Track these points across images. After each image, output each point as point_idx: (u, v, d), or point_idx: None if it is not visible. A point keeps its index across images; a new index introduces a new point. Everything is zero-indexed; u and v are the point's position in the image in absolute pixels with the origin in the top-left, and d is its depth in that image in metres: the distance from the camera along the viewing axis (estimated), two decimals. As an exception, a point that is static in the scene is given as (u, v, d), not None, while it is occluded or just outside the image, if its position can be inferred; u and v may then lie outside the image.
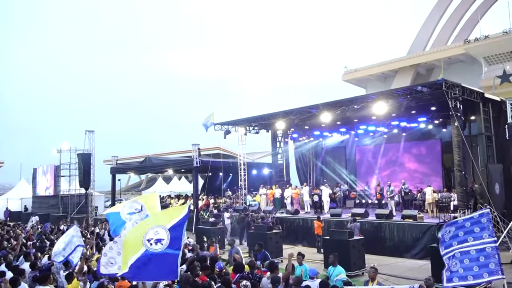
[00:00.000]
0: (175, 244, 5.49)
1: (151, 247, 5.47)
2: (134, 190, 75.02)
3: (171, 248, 5.46)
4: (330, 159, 26.34)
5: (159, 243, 5.49)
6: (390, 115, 18.77)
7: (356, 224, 14.60)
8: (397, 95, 16.98)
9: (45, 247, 10.87)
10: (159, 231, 5.56)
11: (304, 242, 18.21)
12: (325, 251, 13.37)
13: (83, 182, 28.54)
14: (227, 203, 25.80)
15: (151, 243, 5.50)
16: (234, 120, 23.01)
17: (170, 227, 5.59)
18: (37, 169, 34.48)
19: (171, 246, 5.47)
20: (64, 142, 30.97)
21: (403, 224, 15.52)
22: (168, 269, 5.38)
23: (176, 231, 5.58)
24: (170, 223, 5.62)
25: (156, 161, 28.24)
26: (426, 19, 50.59)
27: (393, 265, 13.82)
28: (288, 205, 21.71)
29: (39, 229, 16.55)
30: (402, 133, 22.62)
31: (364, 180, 24.34)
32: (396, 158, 23.69)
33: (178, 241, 5.53)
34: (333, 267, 8.38)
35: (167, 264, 5.39)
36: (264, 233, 15.18)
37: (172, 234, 5.55)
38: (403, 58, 46.64)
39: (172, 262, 5.39)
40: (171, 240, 5.50)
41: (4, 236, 13.43)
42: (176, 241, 5.51)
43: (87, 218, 26.60)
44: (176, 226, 5.60)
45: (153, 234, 5.54)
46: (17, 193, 38.15)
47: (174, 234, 5.54)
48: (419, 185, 21.24)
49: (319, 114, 19.27)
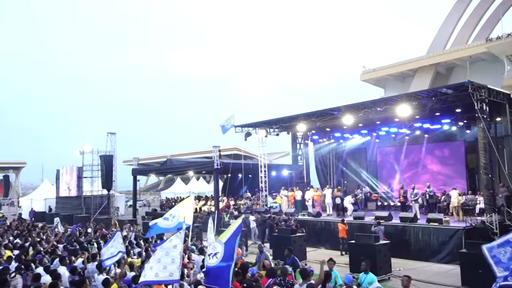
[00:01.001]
0: (228, 257, 5.68)
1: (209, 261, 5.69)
2: (152, 190, 75.93)
3: (225, 261, 5.66)
4: (350, 161, 26.19)
5: (214, 257, 5.71)
6: (413, 117, 18.59)
7: (380, 227, 14.50)
8: (421, 97, 16.82)
9: (78, 250, 11.08)
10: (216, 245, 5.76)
11: (327, 245, 18.20)
12: (351, 255, 13.36)
13: (105, 183, 28.89)
14: (247, 205, 25.90)
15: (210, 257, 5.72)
16: (255, 122, 23.07)
17: (225, 241, 5.79)
18: (60, 170, 35.09)
19: (225, 259, 5.68)
20: (86, 144, 31.47)
21: (428, 227, 15.36)
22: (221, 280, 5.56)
23: (230, 244, 5.76)
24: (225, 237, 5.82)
25: (177, 163, 28.54)
26: (446, 17, 49.91)
27: (419, 270, 13.70)
28: (310, 207, 21.68)
29: (68, 231, 16.90)
30: (425, 135, 22.34)
31: (386, 182, 24.15)
32: (418, 160, 23.44)
33: (231, 254, 5.72)
34: (364, 274, 8.36)
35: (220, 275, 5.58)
36: (288, 236, 15.20)
37: (226, 247, 5.74)
38: (423, 57, 46.13)
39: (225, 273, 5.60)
40: (225, 253, 5.69)
41: (35, 238, 13.72)
42: (229, 254, 5.70)
43: (111, 219, 27.00)
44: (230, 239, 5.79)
45: (212, 249, 5.76)
46: (40, 194, 38.98)
47: (227, 247, 5.74)
48: (442, 187, 21.00)
49: (341, 116, 19.22)
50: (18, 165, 76.44)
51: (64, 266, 9.06)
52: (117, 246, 8.65)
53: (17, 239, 14.75)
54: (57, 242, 12.83)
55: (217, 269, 5.66)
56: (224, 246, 5.83)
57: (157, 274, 6.28)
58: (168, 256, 6.69)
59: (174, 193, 42.89)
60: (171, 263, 6.43)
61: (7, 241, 13.74)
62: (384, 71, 48.37)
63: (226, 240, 5.88)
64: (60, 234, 14.90)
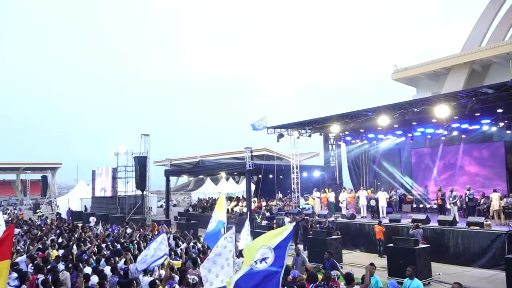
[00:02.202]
0: (278, 262, 5.67)
1: (256, 265, 5.69)
2: (182, 190, 76.95)
3: (275, 266, 5.64)
4: (384, 162, 25.72)
5: (263, 261, 5.69)
6: (451, 118, 18.11)
7: (419, 230, 14.21)
8: (460, 97, 16.39)
9: (120, 250, 11.34)
10: (265, 251, 5.77)
11: (362, 248, 17.98)
12: (389, 258, 13.15)
13: (139, 183, 29.56)
14: (279, 206, 25.90)
15: (257, 262, 5.72)
16: (287, 123, 23.04)
17: (274, 247, 5.78)
18: (96, 171, 36.08)
19: (275, 264, 5.65)
20: (120, 145, 32.26)
21: (468, 231, 14.93)
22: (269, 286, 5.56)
23: (280, 249, 5.75)
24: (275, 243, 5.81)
25: (209, 164, 28.81)
26: (481, 13, 48.30)
27: (460, 275, 13.33)
28: (343, 209, 21.48)
29: (107, 230, 17.37)
30: (462, 135, 21.74)
31: (421, 184, 23.63)
32: (455, 161, 22.83)
33: (281, 259, 5.70)
34: (410, 279, 8.21)
35: (269, 281, 5.58)
36: (323, 238, 15.10)
37: (276, 252, 5.72)
38: (457, 55, 44.72)
39: (274, 279, 5.58)
40: (275, 259, 5.68)
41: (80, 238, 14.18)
42: (279, 259, 5.69)
43: (145, 219, 27.57)
44: (280, 244, 5.78)
45: (259, 255, 5.77)
46: (77, 194, 40.20)
47: (278, 253, 5.72)
48: (481, 190, 20.37)
49: (375, 117, 18.95)
50: (54, 166, 79.34)
51: (109, 266, 9.34)
52: (161, 248, 8.83)
53: (59, 238, 15.31)
54: (100, 242, 13.19)
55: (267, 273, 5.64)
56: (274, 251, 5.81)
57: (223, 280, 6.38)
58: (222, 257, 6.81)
59: (204, 193, 43.37)
60: (228, 266, 6.54)
61: (50, 241, 14.26)
62: (416, 69, 47.17)
63: (276, 246, 5.87)
64: (102, 235, 15.33)
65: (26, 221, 24.03)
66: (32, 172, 72.08)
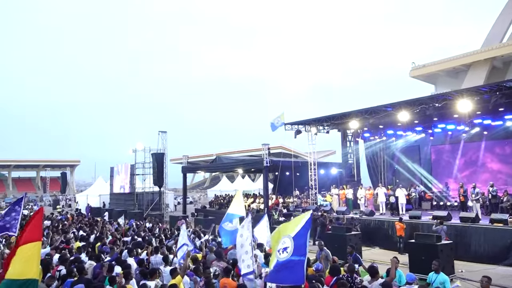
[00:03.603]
0: (300, 251, 5.66)
1: (280, 256, 5.71)
2: (198, 188, 77.34)
3: (296, 255, 5.63)
4: (403, 159, 25.37)
5: (285, 251, 5.71)
6: (474, 113, 17.75)
7: (443, 227, 13.97)
8: (483, 92, 16.05)
9: (141, 243, 11.49)
10: (285, 240, 5.77)
11: (381, 245, 17.77)
12: (410, 254, 12.96)
13: (157, 180, 29.79)
14: (296, 203, 25.79)
15: (280, 252, 5.74)
16: (305, 120, 22.92)
17: (294, 236, 5.77)
18: (115, 168, 36.49)
19: (296, 253, 5.65)
20: (138, 142, 32.54)
21: (492, 228, 14.62)
22: (295, 275, 5.55)
23: (300, 238, 5.74)
24: (294, 231, 5.80)
25: (226, 161, 28.84)
26: (502, 9, 47.34)
27: (483, 272, 12.98)
28: (361, 206, 21.29)
29: (127, 225, 17.60)
30: (484, 132, 21.30)
31: (441, 181, 23.24)
32: (476, 158, 22.42)
33: (303, 248, 5.69)
34: (435, 274, 8.07)
35: (294, 270, 5.56)
36: (342, 234, 14.97)
37: (296, 241, 5.72)
38: (477, 51, 43.96)
39: (298, 267, 5.56)
40: (295, 248, 5.67)
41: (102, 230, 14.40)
42: (300, 248, 5.68)
43: (163, 215, 27.78)
44: (299, 233, 5.77)
45: (281, 245, 5.78)
46: (95, 190, 40.76)
47: (298, 242, 5.72)
48: (503, 187, 19.95)
49: (395, 112, 18.70)
50: (73, 163, 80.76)
51: (132, 258, 9.47)
52: (183, 239, 8.92)
53: (80, 232, 15.63)
54: (122, 236, 13.36)
55: (289, 263, 5.62)
56: (293, 240, 5.78)
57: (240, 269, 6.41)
58: (243, 249, 6.81)
59: (220, 191, 43.50)
60: (246, 254, 6.53)
61: (72, 234, 14.55)
62: (435, 66, 46.57)
63: (295, 235, 5.82)
64: (124, 228, 15.57)
65: (48, 216, 24.45)
66: (51, 169, 73.39)
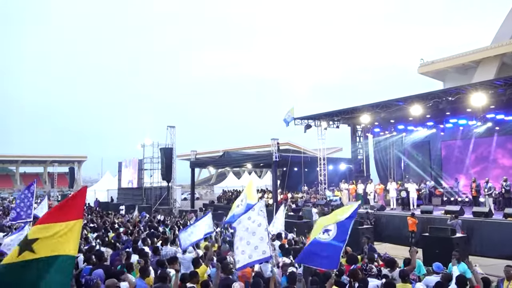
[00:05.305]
0: (340, 237, 5.65)
1: (319, 236, 5.67)
2: (204, 184, 77.46)
3: (337, 240, 5.62)
4: (413, 154, 25.20)
5: (326, 233, 5.68)
6: (487, 107, 17.56)
7: (458, 221, 13.89)
8: (498, 85, 15.87)
9: (154, 233, 11.53)
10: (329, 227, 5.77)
11: (392, 239, 17.67)
12: (424, 248, 12.88)
13: (165, 175, 29.78)
14: (304, 198, 25.72)
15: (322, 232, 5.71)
16: (316, 114, 22.81)
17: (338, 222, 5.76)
18: (123, 162, 36.60)
19: (337, 238, 5.63)
20: (146, 137, 32.57)
21: (506, 223, 14.52)
22: (330, 259, 5.53)
23: (344, 225, 5.73)
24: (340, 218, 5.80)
25: (235, 156, 28.78)
26: (512, 6, 46.86)
27: (499, 266, 12.79)
28: (371, 201, 21.19)
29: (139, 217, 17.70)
30: (496, 127, 21.10)
31: (452, 177, 23.04)
32: (488, 154, 22.19)
33: (344, 235, 5.69)
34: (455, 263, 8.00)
35: (330, 254, 5.55)
36: (355, 227, 14.86)
37: (340, 228, 5.71)
38: (487, 48, 43.59)
39: (335, 252, 5.55)
40: (337, 233, 5.66)
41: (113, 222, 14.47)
42: (342, 235, 5.67)
43: (171, 209, 27.80)
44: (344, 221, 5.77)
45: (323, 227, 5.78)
46: (103, 185, 40.95)
47: (341, 228, 5.71)
48: (516, 183, 19.74)
49: (407, 106, 18.56)
50: (80, 159, 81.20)
51: (146, 247, 9.51)
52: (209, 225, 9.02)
53: (91, 224, 15.78)
54: (134, 227, 13.41)
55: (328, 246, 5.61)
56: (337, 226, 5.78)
57: (251, 255, 6.30)
58: (256, 236, 6.71)
59: (227, 187, 43.48)
60: (261, 241, 6.45)
61: (84, 225, 14.63)
62: (444, 63, 46.22)
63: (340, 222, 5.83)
64: (137, 220, 15.72)
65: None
66: (59, 165, 73.80)
